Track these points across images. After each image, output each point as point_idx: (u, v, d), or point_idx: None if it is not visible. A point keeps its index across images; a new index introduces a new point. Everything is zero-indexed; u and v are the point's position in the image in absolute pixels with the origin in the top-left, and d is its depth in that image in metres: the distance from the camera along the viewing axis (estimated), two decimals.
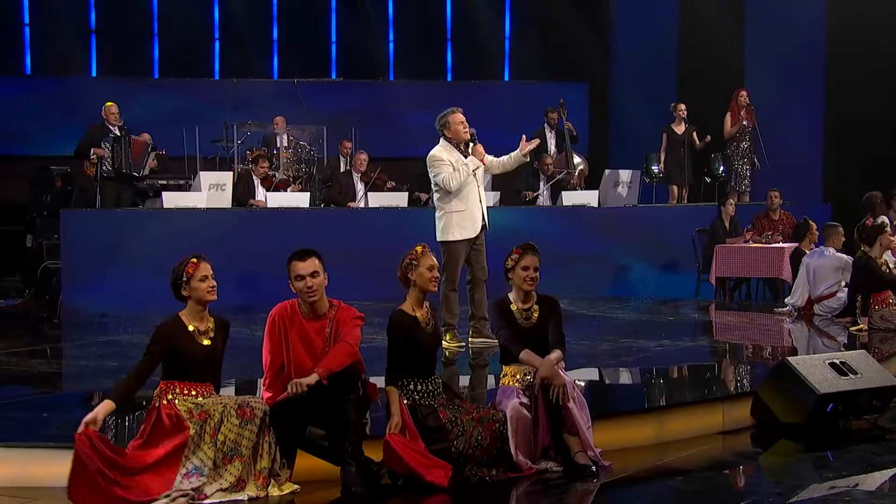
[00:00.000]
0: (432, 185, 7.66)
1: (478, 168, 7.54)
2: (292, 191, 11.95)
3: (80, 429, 4.28)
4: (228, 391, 5.64)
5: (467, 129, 7.52)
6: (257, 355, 4.90)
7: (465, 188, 7.47)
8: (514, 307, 5.24)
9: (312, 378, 4.49)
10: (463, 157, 7.49)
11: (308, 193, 11.64)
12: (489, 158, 7.69)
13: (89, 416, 4.31)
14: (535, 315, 5.24)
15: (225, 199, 11.06)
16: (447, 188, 7.43)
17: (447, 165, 7.45)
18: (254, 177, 11.48)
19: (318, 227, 10.84)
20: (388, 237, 10.58)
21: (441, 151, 7.55)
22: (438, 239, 7.54)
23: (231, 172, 11.73)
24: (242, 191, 11.29)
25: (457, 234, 7.47)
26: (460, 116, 7.54)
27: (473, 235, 7.51)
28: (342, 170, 12.77)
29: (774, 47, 13.80)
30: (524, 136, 7.67)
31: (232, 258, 9.79)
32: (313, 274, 4.75)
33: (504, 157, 7.79)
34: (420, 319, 4.99)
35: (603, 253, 11.58)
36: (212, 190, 11.08)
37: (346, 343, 4.66)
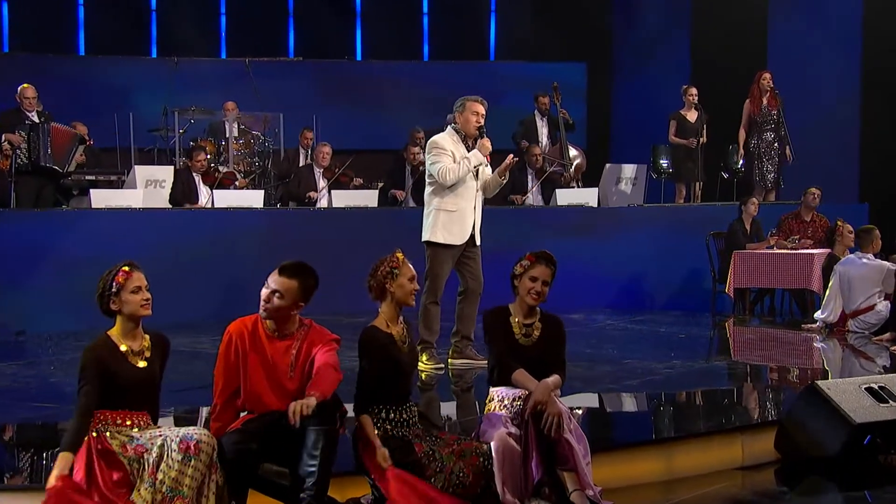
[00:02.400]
0: (426, 176, 7.69)
1: (480, 165, 7.57)
2: (240, 187, 11.93)
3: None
4: (167, 422, 5.62)
5: (480, 123, 7.55)
6: (203, 379, 4.88)
7: (461, 186, 7.51)
8: (514, 320, 5.26)
9: (313, 401, 4.48)
10: (467, 151, 7.53)
11: (262, 191, 11.63)
12: None
13: (54, 477, 4.29)
14: (537, 333, 5.26)
15: (164, 198, 11.03)
16: (442, 181, 7.46)
17: (447, 156, 7.49)
18: (194, 172, 11.46)
19: (274, 229, 10.83)
20: (355, 242, 10.60)
21: (445, 139, 7.60)
22: (423, 239, 7.58)
23: (171, 167, 11.71)
24: (181, 189, 11.26)
25: (440, 237, 7.50)
26: (480, 107, 7.57)
27: (459, 243, 7.54)
28: (302, 164, 12.76)
29: (802, 23, 13.88)
30: (510, 156, 7.66)
31: (172, 267, 9.76)
32: (276, 293, 4.72)
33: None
34: (396, 337, 5.00)
35: (603, 260, 11.61)
36: (149, 187, 11.04)
37: (333, 369, 4.65)
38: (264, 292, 4.76)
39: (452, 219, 7.51)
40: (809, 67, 13.63)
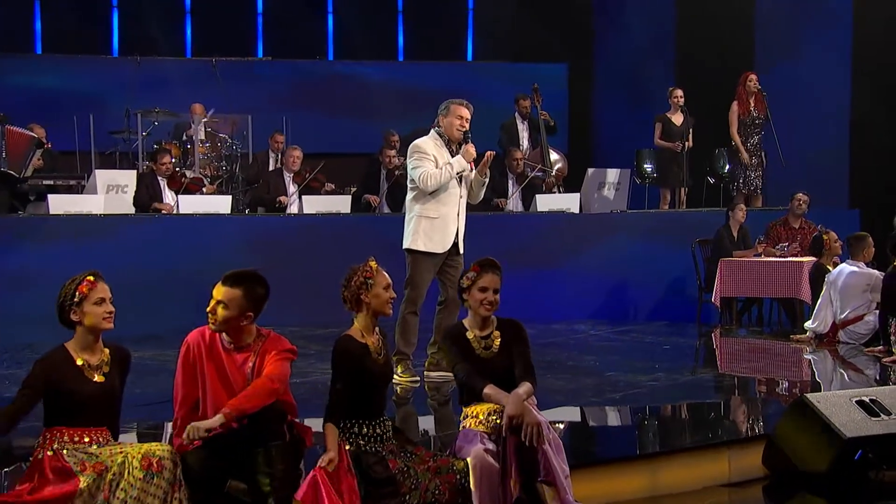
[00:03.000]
0: (408, 181, 7.69)
1: (464, 171, 7.57)
2: (208, 192, 11.90)
3: None
4: (130, 438, 5.59)
5: (465, 128, 7.56)
6: (169, 394, 4.87)
7: (443, 192, 7.51)
8: (470, 335, 5.26)
9: (215, 420, 4.47)
10: (450, 156, 7.54)
11: (229, 197, 11.60)
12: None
13: None
14: (497, 343, 5.25)
15: (127, 204, 10.98)
16: (424, 186, 7.46)
17: (430, 160, 7.49)
18: (158, 177, 11.42)
19: (242, 236, 10.81)
20: (328, 249, 10.59)
21: (428, 143, 7.60)
22: (404, 246, 7.58)
23: (134, 171, 11.66)
24: (145, 194, 11.23)
25: (421, 245, 7.51)
26: (464, 111, 7.58)
27: (441, 251, 7.53)
28: (272, 168, 12.74)
29: (790, 23, 13.93)
30: (488, 153, 7.68)
31: (135, 276, 9.72)
32: (220, 303, 4.71)
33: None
34: (371, 348, 4.99)
35: (585, 268, 11.63)
36: (110, 192, 11.00)
37: (266, 379, 4.63)
38: (209, 306, 4.75)
39: (434, 226, 7.52)
40: (798, 69, 13.68)
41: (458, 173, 7.53)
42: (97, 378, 4.62)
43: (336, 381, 4.90)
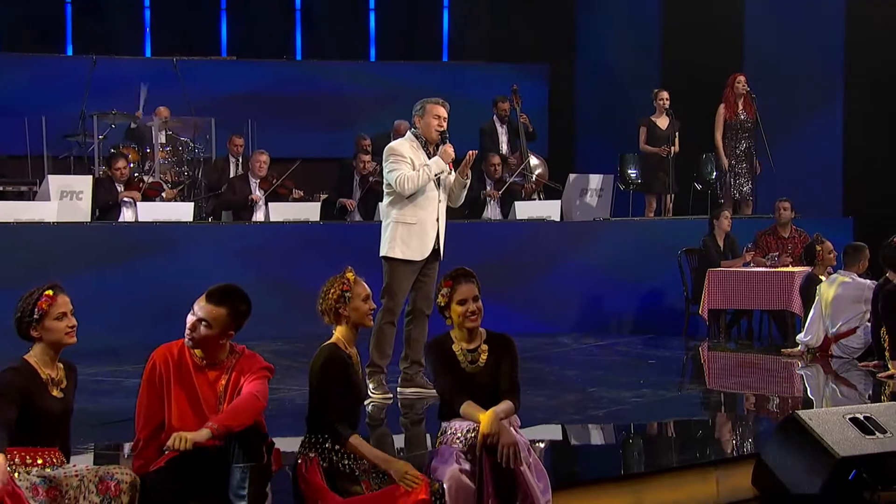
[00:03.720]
0: (384, 186, 7.70)
1: (443, 173, 7.58)
2: (168, 198, 11.86)
3: None
4: (87, 459, 5.56)
5: (442, 127, 7.57)
6: (126, 412, 4.85)
7: (420, 195, 7.52)
8: (456, 348, 5.26)
9: (203, 433, 4.45)
10: (427, 159, 7.55)
11: (191, 203, 11.56)
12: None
13: None
14: (484, 357, 5.25)
15: (82, 211, 10.93)
16: (401, 190, 7.46)
17: (406, 163, 7.50)
18: (115, 182, 11.38)
19: (205, 246, 10.77)
20: (297, 259, 10.58)
21: (403, 146, 7.62)
22: (381, 253, 7.58)
23: (90, 176, 11.61)
24: (102, 200, 11.19)
25: (398, 252, 7.51)
26: (441, 110, 7.59)
27: (419, 259, 7.54)
28: (234, 173, 12.71)
29: (781, 22, 14.00)
30: (470, 153, 7.70)
31: (91, 287, 9.68)
32: (202, 321, 4.69)
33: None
34: (353, 359, 5.01)
35: (566, 279, 11.65)
36: (64, 199, 10.93)
37: (254, 397, 4.62)
38: (190, 319, 4.74)
39: (412, 232, 7.52)
40: (789, 70, 13.74)
41: (436, 175, 7.53)
42: (56, 394, 4.60)
43: (329, 391, 4.86)
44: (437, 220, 7.62)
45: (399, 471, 4.73)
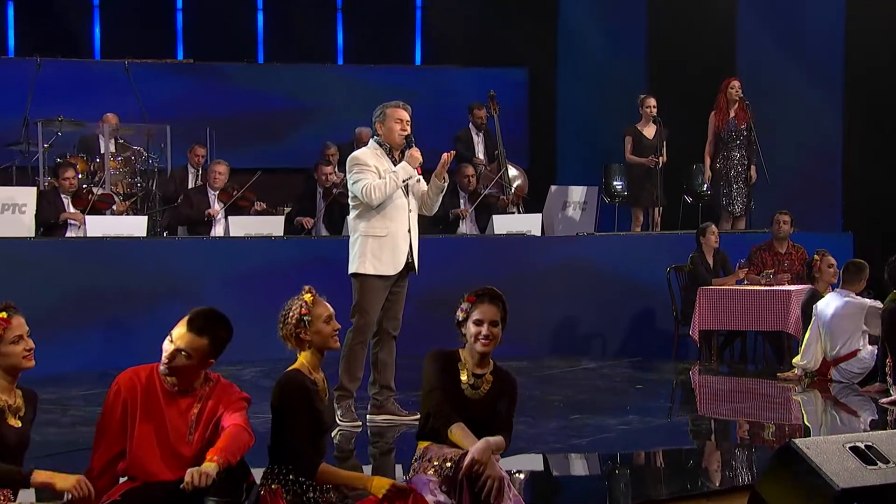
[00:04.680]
0: (349, 199, 7.72)
1: (411, 179, 7.60)
2: (119, 212, 11.82)
3: None
4: (29, 495, 5.53)
5: (406, 131, 7.60)
6: (76, 441, 4.83)
7: (389, 205, 7.53)
8: (463, 367, 5.27)
9: (212, 468, 4.44)
10: (394, 167, 7.57)
11: (145, 217, 11.53)
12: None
13: None
14: (486, 388, 5.28)
15: (25, 226, 10.88)
16: (367, 200, 7.47)
17: (371, 172, 7.51)
18: (62, 195, 11.34)
19: (161, 263, 10.74)
20: (259, 277, 10.56)
21: (367, 154, 7.63)
22: (350, 271, 7.59)
23: (34, 188, 11.57)
24: (48, 214, 11.15)
25: (370, 267, 7.52)
26: (403, 113, 7.61)
27: (392, 273, 7.56)
28: (192, 185, 12.69)
29: (776, 24, 14.08)
30: (447, 154, 7.73)
31: (37, 308, 9.61)
32: (182, 351, 4.68)
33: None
34: (319, 385, 5.01)
35: (547, 297, 11.66)
36: (6, 212, 10.89)
37: (245, 431, 4.64)
38: (167, 348, 4.71)
39: (382, 245, 7.54)
40: (785, 74, 13.82)
41: (404, 182, 7.55)
42: (13, 422, 4.59)
43: (291, 419, 4.86)
44: (409, 231, 7.64)
45: (381, 486, 4.74)
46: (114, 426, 4.74)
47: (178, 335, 4.72)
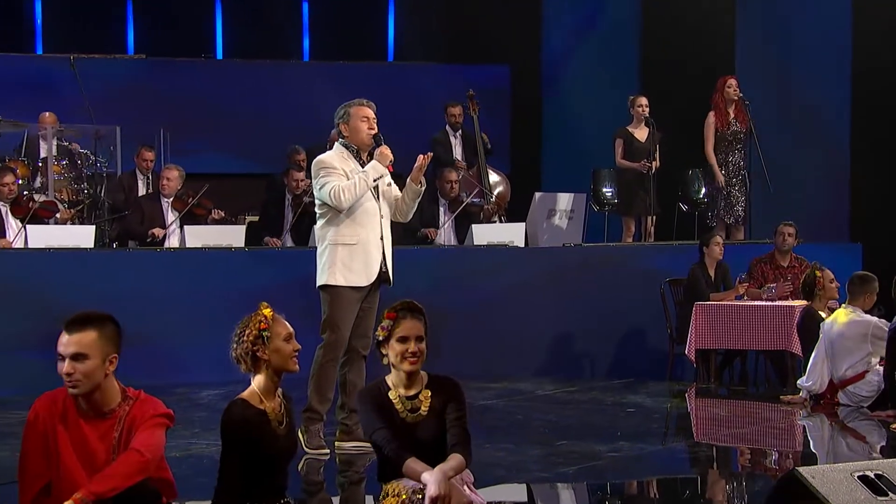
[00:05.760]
0: (316, 207, 7.72)
1: (382, 178, 7.61)
2: (63, 221, 11.77)
3: None
4: None
5: (374, 129, 7.61)
6: (9, 473, 4.81)
7: (359, 210, 7.53)
8: (393, 395, 5.27)
9: None
10: (362, 169, 7.57)
11: (92, 227, 11.49)
12: None
13: None
14: (426, 405, 5.27)
15: None
16: (336, 203, 7.46)
17: (339, 174, 7.51)
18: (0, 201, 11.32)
19: (109, 277, 10.71)
20: (217, 292, 10.53)
21: (332, 157, 7.64)
22: (319, 283, 7.59)
23: None
24: None
25: (340, 278, 7.51)
26: (368, 111, 7.63)
27: (365, 284, 7.56)
28: (143, 191, 12.64)
29: (779, 17, 14.13)
30: (423, 156, 7.74)
31: None
32: (77, 357, 4.66)
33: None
34: (270, 415, 4.98)
35: (532, 314, 11.68)
36: None
37: (134, 452, 4.60)
38: (62, 367, 4.67)
39: (354, 253, 7.53)
40: (787, 72, 13.87)
41: (375, 181, 7.55)
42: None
43: (227, 455, 4.87)
44: (382, 238, 7.64)
45: None
46: (36, 457, 4.71)
47: (63, 345, 4.68)
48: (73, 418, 4.72)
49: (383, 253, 7.64)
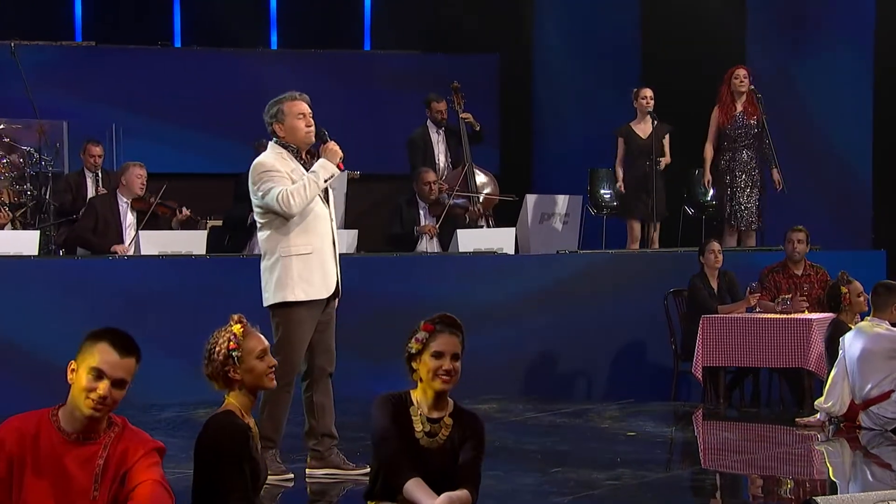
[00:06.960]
0: (256, 217, 7.68)
1: (332, 178, 7.60)
2: (2, 224, 11.74)
3: None
4: None
5: (311, 127, 7.58)
6: None
7: (309, 216, 7.51)
8: (414, 412, 5.27)
9: None
10: (305, 170, 7.54)
11: (36, 232, 11.46)
12: None
13: None
14: (445, 433, 5.29)
15: None
16: (286, 210, 7.40)
17: (283, 177, 7.47)
18: None
19: (57, 288, 10.70)
20: (177, 305, 10.52)
21: (273, 159, 7.59)
22: (269, 302, 7.55)
23: None
24: None
25: (299, 293, 7.48)
26: (302, 105, 7.61)
27: (325, 296, 7.55)
28: (93, 191, 12.61)
29: (792, 6, 14.17)
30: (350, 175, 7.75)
31: None
32: (120, 383, 4.62)
33: None
34: (252, 432, 5.02)
35: (523, 329, 11.69)
36: None
37: (162, 487, 4.60)
38: (100, 387, 4.63)
39: (310, 264, 7.50)
40: (803, 65, 13.91)
41: (326, 181, 7.53)
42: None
43: (229, 472, 4.85)
44: (334, 242, 7.65)
45: None
46: None
47: (111, 365, 4.62)
48: (49, 445, 4.67)
49: (336, 262, 7.64)
